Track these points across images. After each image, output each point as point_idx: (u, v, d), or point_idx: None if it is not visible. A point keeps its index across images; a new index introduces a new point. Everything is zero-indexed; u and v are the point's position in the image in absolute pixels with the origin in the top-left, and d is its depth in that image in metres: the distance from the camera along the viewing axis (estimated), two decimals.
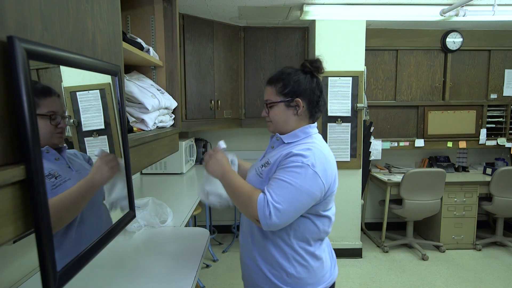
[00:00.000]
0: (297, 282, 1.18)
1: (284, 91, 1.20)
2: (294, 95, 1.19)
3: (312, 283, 1.19)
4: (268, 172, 1.16)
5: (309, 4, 2.85)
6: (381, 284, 2.85)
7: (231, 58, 3.36)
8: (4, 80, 0.53)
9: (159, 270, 1.24)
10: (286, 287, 1.17)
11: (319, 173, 1.09)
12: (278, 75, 1.23)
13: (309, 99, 1.21)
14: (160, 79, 1.84)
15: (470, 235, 3.49)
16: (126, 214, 1.04)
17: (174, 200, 2.20)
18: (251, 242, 1.23)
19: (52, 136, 0.70)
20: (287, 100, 1.20)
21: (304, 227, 1.17)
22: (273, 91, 1.22)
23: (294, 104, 1.20)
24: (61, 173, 0.69)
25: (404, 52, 3.66)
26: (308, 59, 1.25)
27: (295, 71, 1.23)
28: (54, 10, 0.67)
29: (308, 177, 1.07)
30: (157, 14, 1.79)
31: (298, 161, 1.09)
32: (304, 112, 1.22)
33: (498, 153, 4.01)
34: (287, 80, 1.20)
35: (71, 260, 0.70)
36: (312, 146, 1.14)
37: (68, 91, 0.77)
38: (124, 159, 1.03)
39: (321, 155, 1.13)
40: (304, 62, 1.24)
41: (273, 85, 1.23)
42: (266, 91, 1.26)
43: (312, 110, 1.23)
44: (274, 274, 1.18)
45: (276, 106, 1.21)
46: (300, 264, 1.17)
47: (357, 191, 3.28)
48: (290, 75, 1.21)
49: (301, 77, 1.21)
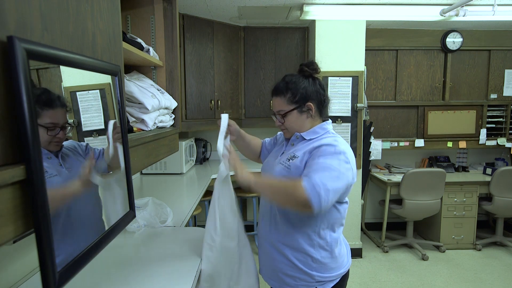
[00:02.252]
0: (322, 267, 1.26)
1: (295, 99, 1.28)
2: (305, 100, 1.28)
3: (334, 267, 1.28)
4: (297, 164, 1.22)
5: (309, 4, 2.85)
6: (381, 284, 2.85)
7: (231, 58, 3.36)
8: (4, 80, 0.53)
9: (159, 270, 1.24)
10: (311, 271, 1.25)
11: (350, 159, 1.19)
12: (284, 85, 1.30)
13: (318, 100, 1.30)
14: (160, 79, 1.84)
15: (470, 235, 3.49)
16: (126, 214, 1.04)
17: (174, 200, 2.20)
18: (275, 232, 1.29)
19: (49, 144, 0.70)
20: (299, 106, 1.28)
21: (330, 214, 1.25)
22: (283, 101, 1.30)
23: (306, 109, 1.29)
24: (49, 170, 0.68)
25: (404, 52, 3.66)
26: (304, 62, 1.32)
27: (298, 78, 1.30)
28: (54, 10, 0.67)
29: (342, 163, 1.16)
30: (157, 14, 1.79)
31: (331, 149, 1.17)
32: (316, 113, 1.31)
33: (498, 153, 4.01)
34: (295, 88, 1.28)
35: (71, 260, 0.70)
36: (337, 138, 1.25)
37: (68, 91, 0.77)
38: (124, 159, 1.03)
39: (346, 146, 1.24)
40: (302, 67, 1.31)
41: (282, 95, 1.30)
42: (275, 102, 1.33)
43: (321, 109, 1.33)
44: (300, 260, 1.25)
45: (290, 114, 1.30)
46: (324, 250, 1.25)
47: (357, 191, 3.28)
48: (296, 83, 1.28)
49: (306, 82, 1.29)
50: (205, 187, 2.60)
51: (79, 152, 0.82)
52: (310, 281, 1.26)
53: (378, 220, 4.00)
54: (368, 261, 3.27)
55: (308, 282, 1.26)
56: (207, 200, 3.16)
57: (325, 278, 1.27)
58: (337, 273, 1.29)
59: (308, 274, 1.25)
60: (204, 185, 2.64)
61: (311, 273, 1.25)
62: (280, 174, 1.26)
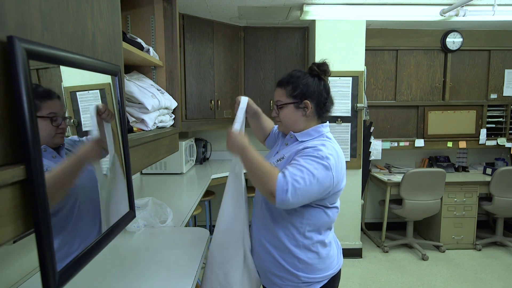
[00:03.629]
0: (308, 268, 1.25)
1: (294, 93, 1.28)
2: (303, 97, 1.27)
3: (322, 268, 1.27)
4: (283, 165, 1.22)
5: (309, 4, 2.85)
6: (381, 284, 2.85)
7: (231, 58, 3.36)
8: (4, 80, 0.53)
9: (159, 270, 1.24)
10: (298, 272, 1.25)
11: (331, 166, 1.15)
12: (288, 78, 1.31)
13: (317, 100, 1.29)
14: (160, 79, 1.84)
15: (470, 235, 3.49)
16: (126, 214, 1.04)
17: (174, 200, 2.20)
18: (264, 232, 1.30)
19: (54, 136, 0.71)
20: (296, 102, 1.28)
21: (317, 217, 1.24)
22: (283, 93, 1.30)
23: (303, 106, 1.28)
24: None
25: (404, 52, 3.66)
26: (316, 62, 1.32)
27: (304, 74, 1.30)
28: (54, 10, 0.67)
29: (321, 168, 1.13)
30: (157, 14, 1.79)
31: (314, 152, 1.16)
32: (312, 113, 1.29)
33: (498, 153, 4.01)
34: (297, 83, 1.28)
35: (71, 260, 0.70)
36: (326, 142, 1.22)
37: (68, 91, 0.77)
38: (124, 159, 1.03)
39: (333, 151, 1.20)
40: (312, 66, 1.31)
41: (283, 87, 1.30)
42: (276, 93, 1.34)
43: (320, 111, 1.31)
44: (287, 261, 1.25)
45: (286, 107, 1.29)
46: (310, 251, 1.25)
47: (357, 191, 3.28)
48: (299, 78, 1.28)
49: (310, 80, 1.28)
50: (205, 187, 2.60)
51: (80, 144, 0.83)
52: (296, 281, 1.25)
53: (378, 220, 4.00)
54: (368, 261, 3.27)
55: (294, 282, 1.26)
56: (207, 200, 3.16)
57: (312, 279, 1.26)
58: (325, 274, 1.28)
59: (294, 275, 1.25)
60: (204, 185, 2.64)
61: (297, 274, 1.25)
62: None
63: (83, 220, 0.80)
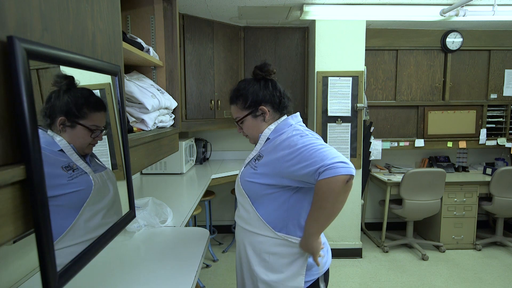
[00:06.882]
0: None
1: (246, 105, 1.28)
2: (257, 104, 1.27)
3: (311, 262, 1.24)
4: (262, 163, 1.21)
5: (309, 4, 2.85)
6: (381, 284, 2.85)
7: (231, 58, 3.36)
8: (4, 80, 0.53)
9: (159, 270, 1.24)
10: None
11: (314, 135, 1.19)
12: (235, 93, 1.31)
13: (271, 102, 1.28)
14: (160, 79, 1.84)
15: (470, 235, 3.49)
16: (126, 214, 1.04)
17: (174, 200, 2.20)
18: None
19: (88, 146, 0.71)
20: (252, 111, 1.28)
21: (299, 207, 1.21)
22: (237, 109, 1.31)
23: (260, 113, 1.28)
24: (79, 167, 0.70)
25: (404, 52, 3.66)
26: (257, 65, 1.31)
27: (248, 82, 1.30)
28: (54, 10, 0.67)
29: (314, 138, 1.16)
30: (157, 14, 1.79)
31: (296, 137, 1.16)
32: (272, 115, 1.29)
33: (498, 153, 4.01)
34: (245, 95, 1.28)
35: (71, 260, 0.70)
36: (297, 130, 1.22)
37: None
38: (124, 159, 1.03)
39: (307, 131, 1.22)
40: (255, 70, 1.30)
41: (235, 103, 1.31)
42: (231, 111, 1.35)
43: (278, 109, 1.29)
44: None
45: (245, 120, 1.30)
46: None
47: (357, 191, 3.28)
48: (246, 88, 1.29)
49: (256, 86, 1.28)
50: (205, 187, 2.60)
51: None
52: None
53: (378, 220, 4.00)
54: (368, 261, 3.27)
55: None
56: (207, 200, 3.16)
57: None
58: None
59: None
60: (204, 185, 2.64)
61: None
62: (244, 174, 1.25)
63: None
